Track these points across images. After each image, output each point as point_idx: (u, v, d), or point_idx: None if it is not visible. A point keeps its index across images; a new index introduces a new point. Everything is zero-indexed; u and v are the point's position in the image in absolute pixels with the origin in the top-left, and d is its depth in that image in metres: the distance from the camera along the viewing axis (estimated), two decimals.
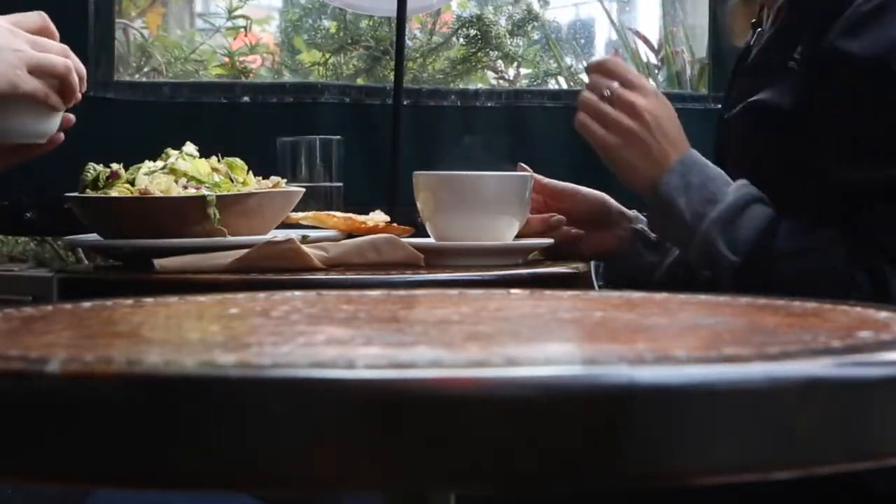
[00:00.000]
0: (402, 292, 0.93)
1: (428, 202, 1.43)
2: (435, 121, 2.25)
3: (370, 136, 2.17)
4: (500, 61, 3.30)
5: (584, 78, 1.37)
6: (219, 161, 1.36)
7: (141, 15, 3.53)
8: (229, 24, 3.33)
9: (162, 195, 1.29)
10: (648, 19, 3.45)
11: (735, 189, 1.23)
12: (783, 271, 1.18)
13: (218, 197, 1.27)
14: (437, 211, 1.42)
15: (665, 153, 1.25)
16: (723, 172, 1.26)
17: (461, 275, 1.26)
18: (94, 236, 1.37)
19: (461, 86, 3.14)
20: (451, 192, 1.41)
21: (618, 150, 1.27)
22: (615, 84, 1.28)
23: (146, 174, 1.32)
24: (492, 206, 1.37)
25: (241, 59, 3.26)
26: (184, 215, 1.27)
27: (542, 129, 2.21)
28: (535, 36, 3.35)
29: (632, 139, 1.26)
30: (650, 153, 1.25)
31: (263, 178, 1.37)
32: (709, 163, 1.26)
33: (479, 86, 3.13)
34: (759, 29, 1.38)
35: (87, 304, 0.79)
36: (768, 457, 0.48)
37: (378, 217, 1.45)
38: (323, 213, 1.47)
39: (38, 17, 1.24)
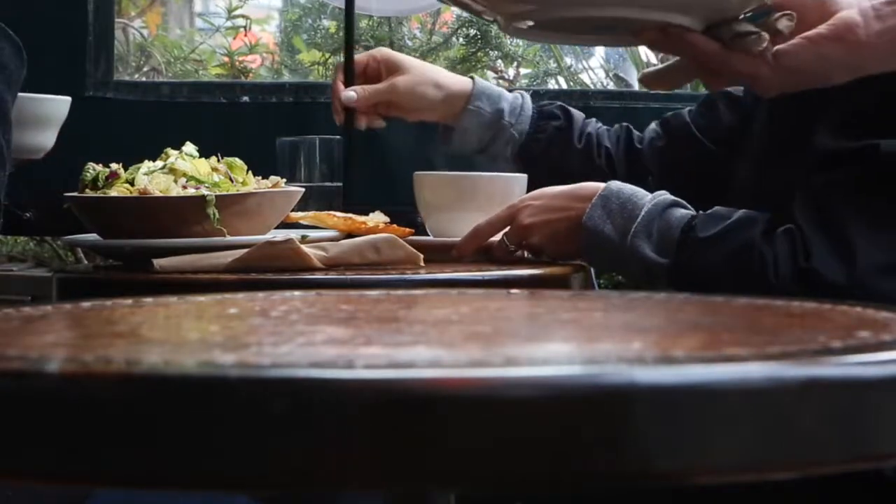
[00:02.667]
0: (401, 292, 0.93)
1: (427, 202, 1.49)
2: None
3: (370, 136, 2.17)
4: (499, 61, 3.30)
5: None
6: (219, 161, 1.36)
7: (140, 14, 3.54)
8: (229, 23, 3.33)
9: (161, 195, 1.28)
10: None
11: (651, 198, 1.28)
12: (710, 259, 1.22)
13: (217, 197, 1.27)
14: (436, 210, 1.48)
15: (579, 212, 1.31)
16: (640, 189, 1.30)
17: (461, 275, 1.26)
18: (93, 236, 1.37)
19: None
20: (449, 192, 1.47)
21: (554, 250, 1.36)
22: (498, 236, 1.38)
23: (145, 174, 1.31)
24: (487, 205, 1.41)
25: (241, 58, 3.26)
26: (183, 215, 1.27)
27: None
28: None
29: (551, 235, 1.34)
30: (570, 228, 1.32)
31: (263, 178, 1.37)
32: (625, 185, 1.31)
33: None
34: None
35: (86, 304, 0.79)
36: (768, 457, 0.48)
37: (378, 217, 1.45)
38: (323, 213, 1.47)
39: None
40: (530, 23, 1.12)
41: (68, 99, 1.35)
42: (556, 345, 0.63)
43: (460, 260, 1.38)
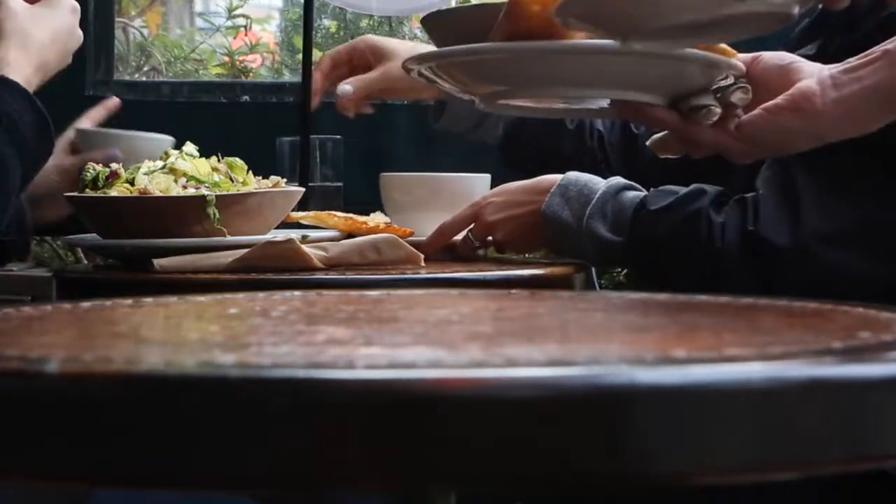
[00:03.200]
0: (402, 292, 0.93)
1: (393, 201, 1.56)
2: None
3: (370, 136, 2.17)
4: None
5: None
6: (219, 161, 1.36)
7: (140, 14, 3.53)
8: (229, 23, 3.33)
9: (161, 195, 1.28)
10: None
11: (605, 182, 1.32)
12: (661, 231, 1.25)
13: (218, 197, 1.27)
14: (402, 210, 1.53)
15: (541, 204, 1.35)
16: (596, 177, 1.35)
17: (462, 275, 1.26)
18: (93, 236, 1.37)
19: None
20: (414, 192, 1.54)
21: (518, 244, 1.42)
22: (463, 233, 1.43)
23: (146, 174, 1.31)
24: (452, 204, 1.47)
25: (241, 58, 3.26)
26: (183, 215, 1.27)
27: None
28: None
29: (515, 229, 1.39)
30: (533, 221, 1.36)
31: (263, 178, 1.37)
32: (582, 174, 1.35)
33: None
34: None
35: (86, 304, 0.79)
36: (769, 457, 0.48)
37: (378, 217, 1.45)
38: (323, 213, 1.47)
39: None
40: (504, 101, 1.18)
41: (171, 139, 1.40)
42: (557, 345, 0.63)
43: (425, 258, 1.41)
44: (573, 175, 1.35)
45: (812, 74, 1.06)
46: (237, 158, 1.37)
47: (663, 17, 0.91)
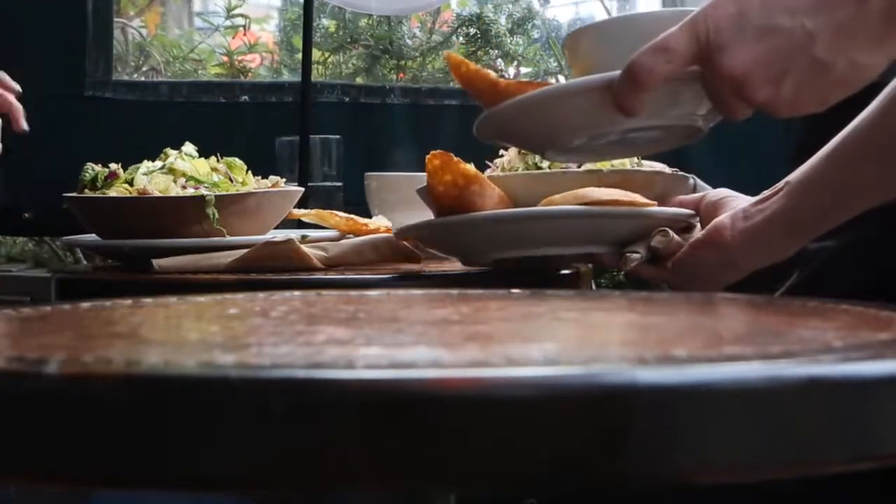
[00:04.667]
0: (401, 292, 0.93)
1: (381, 201, 1.58)
2: (434, 120, 2.24)
3: (370, 136, 2.17)
4: (500, 60, 3.30)
5: None
6: (218, 161, 1.36)
7: (139, 14, 3.54)
8: (228, 22, 3.33)
9: (161, 195, 1.28)
10: None
11: None
12: None
13: (217, 197, 1.27)
14: (389, 209, 1.55)
15: None
16: None
17: (462, 273, 1.25)
18: (92, 236, 1.37)
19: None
20: (401, 191, 1.54)
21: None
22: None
23: (145, 174, 1.31)
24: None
25: (240, 58, 3.26)
26: (183, 215, 1.27)
27: None
28: (535, 34, 3.35)
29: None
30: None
31: (263, 178, 1.37)
32: None
33: None
34: None
35: (85, 305, 0.79)
36: (769, 457, 0.48)
37: (381, 221, 1.46)
38: (325, 211, 1.47)
39: None
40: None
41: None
42: (557, 345, 0.63)
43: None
44: None
45: (736, 208, 1.12)
46: (236, 158, 1.38)
47: (570, 134, 0.95)
